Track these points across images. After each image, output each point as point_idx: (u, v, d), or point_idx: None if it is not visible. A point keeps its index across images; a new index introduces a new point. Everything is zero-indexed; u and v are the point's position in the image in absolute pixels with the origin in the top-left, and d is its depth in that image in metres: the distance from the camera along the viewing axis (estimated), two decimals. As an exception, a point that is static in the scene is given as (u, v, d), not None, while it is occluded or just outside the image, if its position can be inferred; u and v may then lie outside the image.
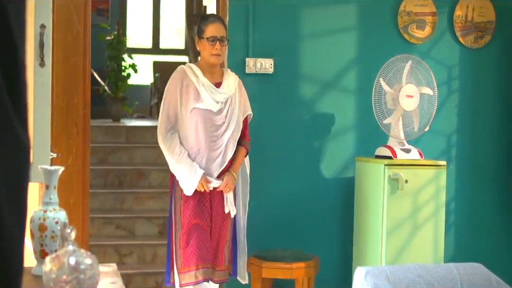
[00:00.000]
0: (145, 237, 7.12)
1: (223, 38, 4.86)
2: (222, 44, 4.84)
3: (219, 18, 5.00)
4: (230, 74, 5.02)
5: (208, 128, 4.80)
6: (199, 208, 4.83)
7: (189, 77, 4.85)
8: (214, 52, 4.83)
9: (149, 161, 8.09)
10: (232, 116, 4.88)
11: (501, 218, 6.24)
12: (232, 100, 4.91)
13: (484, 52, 6.27)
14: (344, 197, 6.02)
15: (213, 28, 4.83)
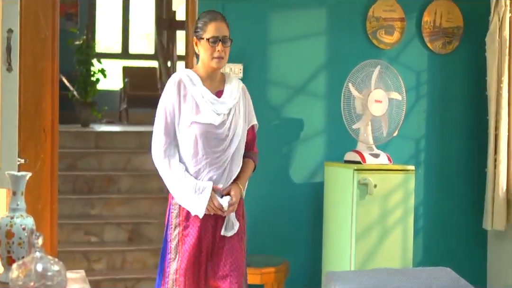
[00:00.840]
0: (115, 243, 7.08)
1: (226, 38, 4.23)
2: (224, 45, 4.22)
3: (220, 15, 4.31)
4: (233, 80, 4.41)
5: (210, 143, 4.20)
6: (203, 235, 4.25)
7: (186, 86, 4.23)
8: (216, 55, 4.21)
9: (118, 167, 8.05)
10: (236, 129, 4.27)
11: (469, 223, 6.27)
12: (236, 109, 4.30)
13: (452, 57, 6.31)
14: (313, 202, 6.02)
15: (214, 27, 4.22)
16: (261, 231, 6.01)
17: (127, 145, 8.48)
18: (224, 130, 4.22)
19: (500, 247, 6.14)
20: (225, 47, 4.23)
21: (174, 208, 4.28)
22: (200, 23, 4.28)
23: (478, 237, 6.27)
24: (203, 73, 4.29)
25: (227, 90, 4.31)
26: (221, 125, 4.20)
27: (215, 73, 4.29)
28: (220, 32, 4.21)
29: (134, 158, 8.12)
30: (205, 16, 4.31)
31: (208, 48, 4.21)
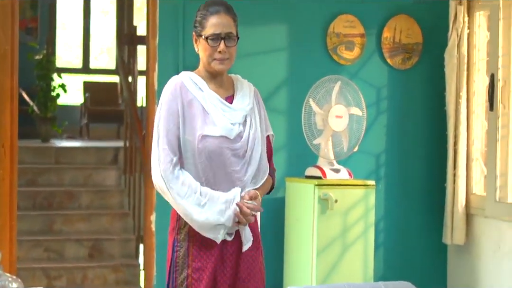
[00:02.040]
0: (75, 260, 7.03)
1: (230, 35, 3.54)
2: (228, 43, 3.52)
3: (225, 7, 3.57)
4: (244, 83, 3.71)
5: (225, 162, 3.47)
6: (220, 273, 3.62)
7: (190, 91, 3.51)
8: (217, 56, 3.51)
9: (78, 182, 8.00)
10: (255, 141, 3.53)
11: (430, 237, 6.31)
12: (252, 118, 3.57)
13: (412, 73, 6.36)
14: (274, 218, 6.02)
15: (215, 22, 3.51)
16: (222, 247, 5.99)
17: (88, 161, 8.44)
18: (242, 144, 3.49)
19: (460, 261, 6.19)
20: (229, 46, 3.53)
21: (181, 245, 3.64)
22: (199, 17, 3.60)
23: (438, 251, 6.30)
24: (206, 77, 3.59)
25: (238, 95, 3.60)
26: (237, 138, 3.49)
27: (221, 76, 3.60)
28: (223, 28, 3.51)
29: (94, 174, 8.07)
30: (205, 8, 3.59)
31: (207, 48, 3.53)
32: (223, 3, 3.56)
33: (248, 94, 3.63)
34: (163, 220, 5.85)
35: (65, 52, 14.13)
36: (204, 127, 3.44)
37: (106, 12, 14.47)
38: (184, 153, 3.46)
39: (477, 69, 5.98)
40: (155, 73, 5.91)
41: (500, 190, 5.58)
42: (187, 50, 5.91)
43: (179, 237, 3.63)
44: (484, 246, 5.87)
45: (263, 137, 3.60)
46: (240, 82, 3.68)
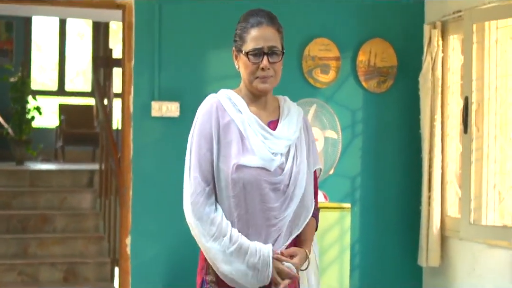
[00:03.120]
0: (49, 283, 6.97)
1: (274, 49, 2.99)
2: (272, 59, 2.98)
3: (268, 16, 3.02)
4: (292, 107, 3.14)
5: (263, 197, 2.94)
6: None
7: (228, 113, 3.03)
8: (259, 74, 3.00)
9: (53, 205, 7.94)
10: (299, 175, 2.99)
11: (405, 259, 6.32)
12: (297, 148, 3.03)
13: (387, 96, 6.39)
14: (250, 240, 6.02)
15: (257, 34, 2.98)
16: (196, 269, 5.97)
17: (63, 184, 8.39)
18: (283, 177, 2.96)
19: (435, 283, 6.20)
20: (274, 62, 3.00)
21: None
22: (239, 29, 3.09)
23: (413, 273, 6.32)
24: (247, 97, 3.10)
25: (284, 120, 3.05)
26: (278, 170, 2.96)
27: (264, 96, 3.08)
28: (265, 42, 2.97)
29: (69, 197, 8.03)
30: (245, 19, 3.07)
31: (248, 65, 3.03)
32: (265, 13, 3.02)
33: (295, 120, 3.05)
34: (138, 243, 5.84)
35: (41, 75, 14.10)
36: (240, 156, 2.93)
37: (81, 35, 14.47)
38: (217, 182, 2.97)
39: (451, 92, 6.03)
40: (130, 96, 5.90)
41: (474, 212, 5.60)
42: (162, 72, 5.92)
43: (207, 279, 3.16)
44: (459, 268, 5.89)
45: (309, 171, 3.05)
46: (287, 105, 3.12)
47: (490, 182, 5.58)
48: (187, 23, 6.01)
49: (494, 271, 5.45)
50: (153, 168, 5.95)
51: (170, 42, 5.95)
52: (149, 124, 5.93)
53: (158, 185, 5.94)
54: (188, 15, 6.01)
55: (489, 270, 5.52)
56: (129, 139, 5.91)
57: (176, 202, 5.93)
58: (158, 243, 5.92)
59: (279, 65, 3.03)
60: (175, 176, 5.94)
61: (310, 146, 3.09)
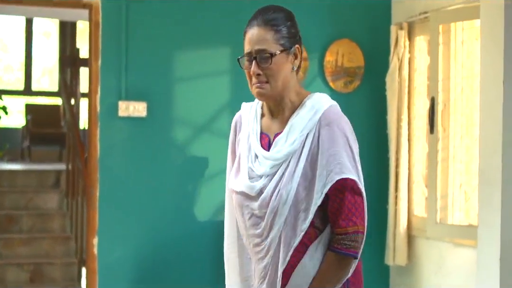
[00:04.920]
0: (16, 284, 6.92)
1: (261, 52, 2.64)
2: (262, 63, 2.65)
3: (262, 15, 2.69)
4: (307, 108, 2.70)
5: (245, 224, 2.73)
6: None
7: (244, 127, 2.81)
8: (253, 81, 2.68)
9: (19, 206, 7.89)
10: (281, 199, 2.60)
11: (372, 258, 6.33)
12: (290, 165, 2.64)
13: (354, 96, 6.42)
14: (218, 240, 6.00)
15: (248, 37, 2.68)
16: (165, 270, 5.96)
17: (29, 184, 8.33)
18: (261, 203, 2.65)
19: (402, 282, 6.24)
20: (265, 67, 2.65)
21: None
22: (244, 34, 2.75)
23: (380, 272, 6.35)
24: (266, 106, 2.79)
25: (282, 134, 2.69)
26: (259, 195, 2.66)
27: (279, 103, 2.72)
28: (254, 45, 2.65)
29: (35, 197, 7.97)
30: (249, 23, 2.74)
31: (246, 72, 2.73)
32: (262, 11, 2.70)
33: (301, 126, 2.65)
34: (105, 244, 5.82)
35: (6, 74, 13.98)
36: (233, 178, 2.77)
37: (48, 34, 14.36)
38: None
39: (418, 92, 6.07)
40: (97, 96, 5.88)
41: (440, 211, 5.65)
42: (129, 72, 5.90)
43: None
44: (426, 267, 5.93)
45: (302, 190, 2.61)
46: (302, 111, 2.69)
47: (456, 182, 5.62)
48: (154, 22, 6.00)
49: (460, 269, 5.50)
50: (120, 168, 5.93)
51: (137, 42, 5.93)
52: (116, 124, 5.91)
53: (126, 185, 5.92)
54: (156, 14, 5.99)
55: (456, 268, 5.56)
56: (96, 139, 5.88)
57: (144, 202, 5.93)
58: (125, 244, 5.90)
59: (275, 68, 2.64)
60: (143, 176, 5.94)
61: (325, 155, 2.60)
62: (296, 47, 2.71)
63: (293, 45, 2.69)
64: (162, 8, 6.01)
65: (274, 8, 2.72)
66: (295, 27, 2.73)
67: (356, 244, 2.62)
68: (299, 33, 2.75)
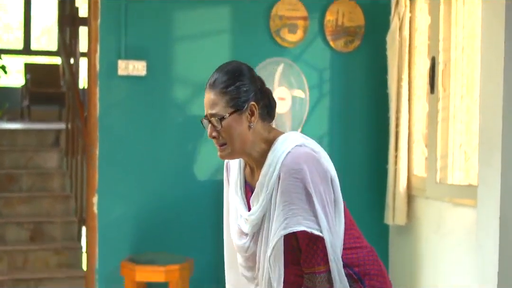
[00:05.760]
0: (16, 243, 6.95)
1: (214, 116, 2.71)
2: (215, 126, 2.72)
3: (212, 78, 2.76)
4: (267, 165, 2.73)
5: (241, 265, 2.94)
6: None
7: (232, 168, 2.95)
8: (214, 142, 2.78)
9: (19, 165, 7.90)
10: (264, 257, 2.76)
11: (372, 218, 6.37)
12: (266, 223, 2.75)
13: (354, 56, 6.40)
14: (217, 200, 6.02)
15: (204, 101, 2.76)
16: (165, 230, 5.99)
17: (29, 143, 8.33)
18: (249, 256, 2.85)
19: (401, 241, 6.27)
20: (219, 129, 2.72)
21: None
22: None
23: (380, 231, 6.37)
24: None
25: (256, 191, 2.77)
26: (246, 249, 2.84)
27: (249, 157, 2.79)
28: (207, 108, 2.73)
29: (35, 156, 7.98)
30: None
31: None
32: (213, 74, 2.77)
33: (265, 187, 2.72)
34: (105, 202, 5.83)
35: (6, 33, 13.92)
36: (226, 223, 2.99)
37: (47, -7, 14.28)
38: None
39: (419, 52, 6.05)
40: (97, 55, 5.86)
41: (440, 171, 5.65)
42: (129, 31, 5.87)
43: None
44: (425, 226, 5.95)
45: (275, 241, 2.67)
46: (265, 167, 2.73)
47: (456, 142, 5.62)
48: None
49: (460, 229, 5.51)
50: (120, 127, 5.92)
51: (137, 1, 5.89)
52: (115, 83, 5.89)
53: (125, 144, 5.92)
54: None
55: (455, 228, 5.58)
56: (95, 98, 5.87)
57: (143, 161, 5.94)
58: (125, 202, 5.91)
59: (228, 130, 2.69)
60: (142, 135, 5.94)
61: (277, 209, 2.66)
62: (251, 105, 2.72)
63: (245, 103, 2.71)
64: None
65: (223, 69, 2.75)
66: (247, 85, 2.73)
67: (311, 284, 2.68)
68: (254, 88, 2.75)
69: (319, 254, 2.67)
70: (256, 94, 2.75)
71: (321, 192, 2.69)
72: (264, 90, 2.81)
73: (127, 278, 5.54)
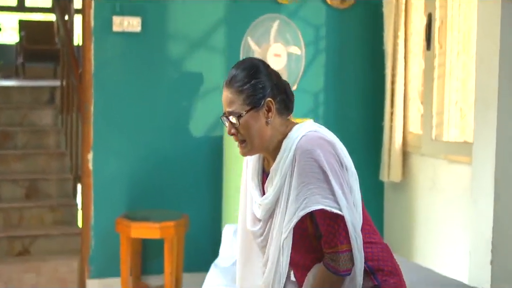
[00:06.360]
0: (11, 200, 6.95)
1: (231, 113, 2.78)
2: (233, 123, 2.80)
3: (229, 76, 2.83)
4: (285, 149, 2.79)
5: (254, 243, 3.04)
6: None
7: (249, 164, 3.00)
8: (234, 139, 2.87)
9: (14, 122, 7.87)
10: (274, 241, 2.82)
11: (367, 175, 6.36)
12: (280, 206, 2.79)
13: (350, 12, 6.36)
14: (213, 156, 6.03)
15: (222, 99, 2.84)
16: (160, 185, 5.99)
17: (24, 100, 8.30)
18: (262, 239, 2.92)
19: (396, 198, 6.28)
20: (237, 127, 2.79)
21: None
22: None
23: (375, 188, 6.38)
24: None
25: (270, 176, 2.84)
26: (260, 235, 2.92)
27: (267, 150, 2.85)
28: (225, 106, 2.82)
29: (30, 114, 7.95)
30: None
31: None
32: (230, 72, 2.84)
33: (279, 171, 2.78)
34: (100, 159, 5.83)
35: (-1, -10, 13.80)
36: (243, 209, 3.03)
37: (41, -51, 14.14)
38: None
39: (415, 8, 6.01)
40: (91, 11, 5.81)
41: (436, 128, 5.65)
42: (124, -13, 5.82)
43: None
44: (420, 183, 5.96)
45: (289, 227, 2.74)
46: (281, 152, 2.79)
47: (452, 99, 5.61)
48: None
49: (455, 186, 5.52)
50: (115, 83, 5.90)
51: (131, -45, 5.85)
52: (110, 39, 5.86)
53: (120, 100, 5.90)
54: None
55: (449, 185, 5.59)
56: (90, 55, 5.84)
57: (138, 118, 5.92)
58: (120, 159, 5.91)
59: (246, 127, 2.77)
60: (137, 92, 5.92)
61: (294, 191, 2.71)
62: (268, 101, 2.78)
63: (262, 100, 2.77)
64: None
65: (239, 67, 2.82)
66: (263, 82, 2.78)
67: (334, 263, 2.72)
68: (270, 84, 2.80)
69: (341, 233, 2.70)
70: (272, 90, 2.80)
71: (337, 171, 2.72)
72: (280, 84, 2.85)
73: (122, 235, 5.56)
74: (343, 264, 2.70)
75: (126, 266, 5.56)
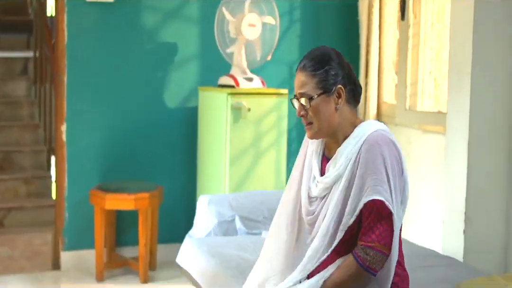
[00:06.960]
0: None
1: (303, 95, 2.89)
2: (304, 105, 2.91)
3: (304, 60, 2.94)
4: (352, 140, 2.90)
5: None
6: None
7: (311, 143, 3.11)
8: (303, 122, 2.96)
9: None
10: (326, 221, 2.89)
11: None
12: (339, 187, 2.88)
13: (325, -18, 6.35)
14: (187, 127, 6.02)
15: (295, 81, 2.94)
16: (135, 158, 5.97)
17: (-4, 72, 8.23)
18: (312, 217, 3.00)
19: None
20: (307, 108, 2.89)
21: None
22: None
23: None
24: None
25: (335, 157, 2.93)
26: (311, 212, 3.01)
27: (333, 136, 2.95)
28: (297, 88, 2.91)
29: (3, 85, 7.88)
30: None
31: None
32: (305, 56, 2.95)
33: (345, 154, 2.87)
34: (74, 131, 5.80)
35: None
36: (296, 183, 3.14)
37: None
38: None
39: (390, -22, 6.00)
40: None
41: (410, 98, 5.66)
42: (96, -44, 5.76)
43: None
44: (394, 154, 5.97)
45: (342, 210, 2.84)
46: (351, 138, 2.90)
47: (426, 69, 5.62)
48: None
49: (429, 155, 5.55)
50: (88, 54, 5.85)
51: None
52: (83, 9, 5.80)
53: (94, 71, 5.86)
54: None
55: (424, 154, 5.61)
56: (63, 25, 5.78)
57: (112, 89, 5.88)
58: (94, 130, 5.88)
59: (315, 110, 2.87)
60: (111, 62, 5.88)
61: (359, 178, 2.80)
62: (339, 88, 2.88)
63: (333, 86, 2.87)
64: None
65: (313, 53, 2.93)
66: (335, 69, 2.90)
67: (365, 256, 2.76)
68: (342, 73, 2.91)
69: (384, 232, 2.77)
70: (343, 78, 2.91)
71: (396, 175, 2.81)
72: (351, 75, 2.96)
73: (96, 207, 5.54)
74: (373, 261, 2.75)
75: (101, 237, 5.55)
